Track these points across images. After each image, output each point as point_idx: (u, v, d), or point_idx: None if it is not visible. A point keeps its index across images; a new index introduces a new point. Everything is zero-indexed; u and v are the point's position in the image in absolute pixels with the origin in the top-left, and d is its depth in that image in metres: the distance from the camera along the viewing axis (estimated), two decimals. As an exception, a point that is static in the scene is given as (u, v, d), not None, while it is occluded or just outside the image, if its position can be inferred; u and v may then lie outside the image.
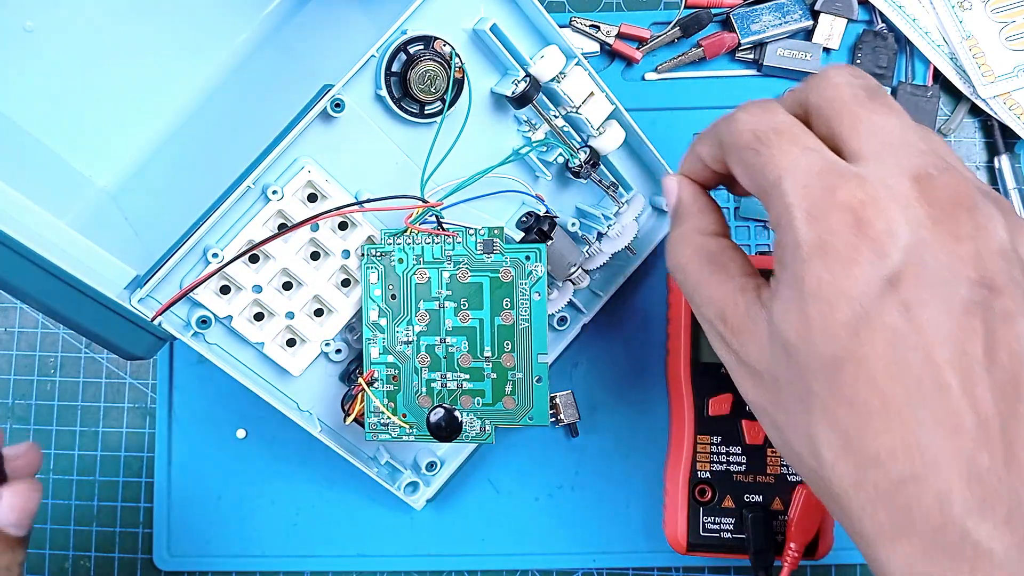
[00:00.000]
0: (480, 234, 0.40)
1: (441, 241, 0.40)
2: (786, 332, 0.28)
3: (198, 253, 0.39)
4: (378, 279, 0.40)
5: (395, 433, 0.41)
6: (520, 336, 0.40)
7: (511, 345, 0.41)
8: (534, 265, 0.40)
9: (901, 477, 0.27)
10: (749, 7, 0.49)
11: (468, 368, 0.41)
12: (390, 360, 0.41)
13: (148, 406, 0.51)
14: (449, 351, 0.41)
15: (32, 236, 0.36)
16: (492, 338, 0.41)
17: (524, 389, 0.41)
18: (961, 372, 0.27)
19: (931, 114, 0.49)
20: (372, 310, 0.40)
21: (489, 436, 0.41)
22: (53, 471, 0.51)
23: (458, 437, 0.41)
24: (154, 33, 0.46)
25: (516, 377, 0.41)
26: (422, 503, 0.46)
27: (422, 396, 0.41)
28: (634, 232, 0.46)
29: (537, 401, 0.41)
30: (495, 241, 0.40)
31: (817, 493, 0.30)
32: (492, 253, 0.40)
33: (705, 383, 0.45)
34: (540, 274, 0.40)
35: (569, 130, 0.43)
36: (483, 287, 0.41)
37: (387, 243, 0.40)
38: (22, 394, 0.51)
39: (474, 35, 0.41)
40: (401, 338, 0.41)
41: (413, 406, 0.41)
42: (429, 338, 0.41)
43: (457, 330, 0.41)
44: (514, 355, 0.41)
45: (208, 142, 0.47)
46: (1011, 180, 0.49)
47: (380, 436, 0.41)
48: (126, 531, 0.50)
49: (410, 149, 0.42)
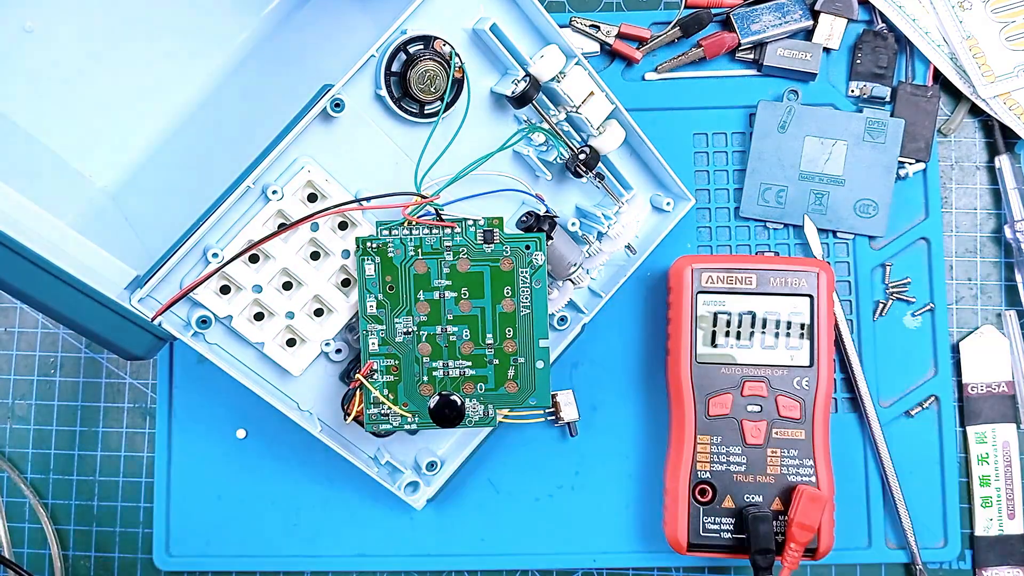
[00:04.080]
0: (480, 224, 0.41)
1: (440, 232, 0.40)
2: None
3: (198, 253, 0.39)
4: (375, 271, 0.40)
5: (397, 423, 0.41)
6: (522, 323, 0.41)
7: (512, 332, 0.41)
8: (534, 254, 0.41)
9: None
10: (749, 7, 0.49)
11: (470, 355, 0.41)
12: (389, 351, 0.41)
13: (148, 406, 0.51)
14: (450, 339, 0.41)
15: (32, 236, 0.36)
16: (494, 325, 0.41)
17: (526, 373, 0.41)
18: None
19: (931, 114, 0.49)
20: (369, 303, 0.40)
21: (492, 420, 0.42)
22: (53, 471, 0.51)
23: (461, 423, 0.41)
24: (154, 33, 0.46)
25: (518, 362, 0.41)
26: (422, 503, 0.46)
27: (424, 385, 0.41)
28: (634, 232, 0.46)
29: (539, 384, 0.41)
30: (495, 231, 0.41)
31: None
32: (492, 243, 0.40)
33: (705, 383, 0.45)
34: (540, 262, 0.41)
35: (569, 130, 0.43)
36: (484, 276, 0.41)
37: (382, 235, 0.40)
38: (22, 394, 0.51)
39: (474, 35, 0.41)
40: (400, 329, 0.41)
41: (415, 395, 0.41)
42: (430, 327, 0.41)
43: (458, 319, 0.41)
44: (516, 341, 0.41)
45: (208, 142, 0.47)
46: (1011, 180, 0.49)
47: (382, 427, 0.41)
48: (126, 531, 0.50)
49: (410, 149, 0.42)
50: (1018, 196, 0.49)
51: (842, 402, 0.49)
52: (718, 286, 0.45)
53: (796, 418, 0.44)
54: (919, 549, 0.48)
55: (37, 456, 0.51)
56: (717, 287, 0.45)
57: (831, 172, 0.49)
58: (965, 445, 0.49)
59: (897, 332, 0.49)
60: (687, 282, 0.45)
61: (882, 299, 0.49)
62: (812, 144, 0.49)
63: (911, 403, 0.49)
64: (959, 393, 0.49)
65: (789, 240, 0.50)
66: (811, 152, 0.49)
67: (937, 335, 0.49)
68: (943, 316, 0.49)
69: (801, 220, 0.49)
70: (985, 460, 0.49)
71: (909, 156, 0.49)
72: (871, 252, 0.49)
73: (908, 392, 0.49)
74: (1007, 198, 0.49)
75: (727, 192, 0.50)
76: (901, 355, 0.49)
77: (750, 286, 0.45)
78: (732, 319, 0.45)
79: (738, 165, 0.50)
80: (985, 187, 0.50)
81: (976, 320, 0.50)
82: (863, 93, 0.49)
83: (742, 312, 0.45)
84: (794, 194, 0.49)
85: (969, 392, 0.49)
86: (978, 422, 0.49)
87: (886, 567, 0.49)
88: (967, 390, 0.49)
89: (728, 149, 0.50)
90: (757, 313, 0.45)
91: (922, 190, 0.50)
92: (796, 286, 0.45)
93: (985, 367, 0.49)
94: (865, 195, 0.49)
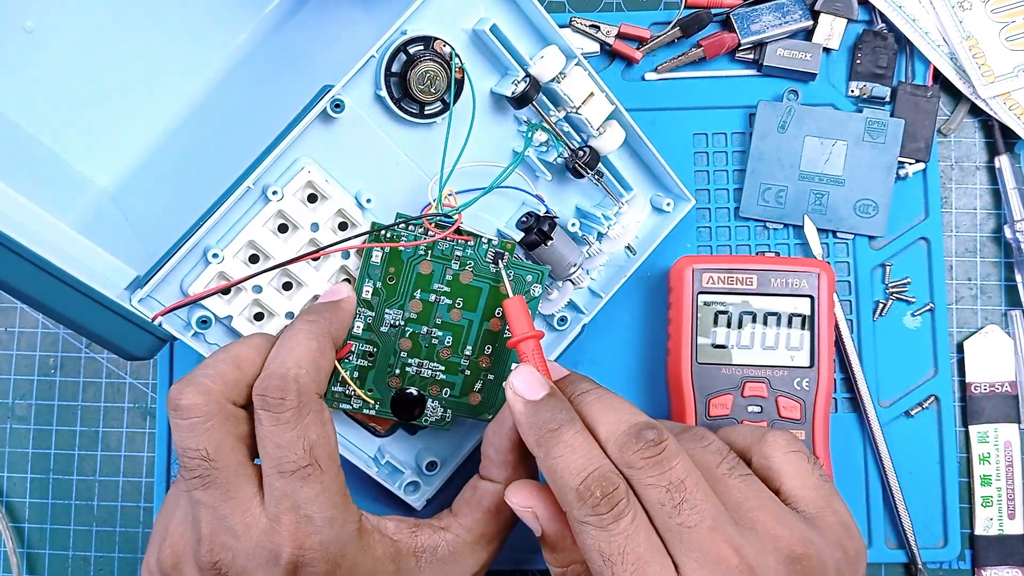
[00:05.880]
0: (493, 244, 0.41)
1: (454, 241, 0.41)
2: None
3: (198, 253, 0.39)
4: (381, 260, 0.40)
5: (356, 405, 0.41)
6: (503, 344, 0.42)
7: (492, 350, 0.42)
8: (533, 285, 0.42)
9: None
10: (749, 7, 0.49)
11: (446, 361, 0.42)
12: (371, 338, 0.41)
13: (148, 406, 0.51)
14: (432, 342, 0.42)
15: (32, 236, 0.36)
16: (476, 339, 0.42)
17: (491, 390, 0.43)
18: None
19: (931, 114, 0.49)
20: (367, 287, 0.40)
21: (447, 424, 0.43)
22: (53, 471, 0.51)
23: (419, 419, 0.42)
24: (154, 33, 0.46)
25: (487, 378, 0.43)
26: (423, 503, 0.46)
27: (393, 377, 0.42)
28: (634, 232, 0.46)
29: (501, 403, 0.42)
30: (504, 254, 0.41)
31: None
32: (499, 265, 0.41)
33: (706, 384, 0.45)
34: (536, 294, 0.42)
35: (569, 130, 0.43)
36: (482, 292, 0.42)
37: (399, 227, 0.40)
38: (22, 394, 0.51)
39: (474, 35, 0.41)
40: (388, 320, 0.41)
41: (382, 385, 0.42)
42: (417, 326, 0.41)
43: (446, 325, 0.42)
44: (492, 359, 0.42)
45: (208, 142, 0.47)
46: (1011, 180, 0.49)
47: (340, 406, 0.41)
48: (126, 531, 0.50)
49: (410, 149, 0.42)
50: (1018, 196, 0.49)
51: (842, 402, 0.49)
52: (719, 286, 0.45)
53: (796, 419, 0.44)
54: (919, 549, 0.48)
55: (37, 456, 0.51)
56: (717, 287, 0.45)
57: (831, 172, 0.49)
58: (967, 444, 0.49)
59: (897, 332, 0.49)
60: (687, 282, 0.45)
61: (882, 299, 0.49)
62: (812, 144, 0.49)
63: (911, 403, 0.49)
64: (962, 392, 0.50)
65: (789, 240, 0.50)
66: (811, 152, 0.49)
67: (937, 335, 0.49)
68: (943, 316, 0.49)
69: (801, 220, 0.49)
70: (987, 460, 0.49)
71: (909, 156, 0.49)
72: (871, 252, 0.49)
73: (908, 392, 0.49)
74: (1007, 198, 0.49)
75: (727, 192, 0.50)
76: (901, 355, 0.49)
77: (751, 286, 0.45)
78: (732, 319, 0.45)
79: (738, 165, 0.50)
80: (985, 187, 0.50)
81: (976, 320, 0.50)
82: (863, 93, 0.49)
83: (743, 312, 0.45)
84: (794, 194, 0.49)
85: (972, 391, 0.49)
86: (980, 421, 0.49)
87: (886, 567, 0.49)
88: (970, 389, 0.49)
89: (728, 149, 0.50)
90: (757, 314, 0.45)
91: (922, 190, 0.50)
92: (797, 286, 0.45)
93: (989, 367, 0.49)
94: (865, 195, 0.49)
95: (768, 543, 0.33)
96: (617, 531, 0.32)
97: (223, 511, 0.34)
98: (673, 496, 0.33)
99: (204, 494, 0.34)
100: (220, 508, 0.34)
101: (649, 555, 0.32)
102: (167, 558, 0.36)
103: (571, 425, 0.34)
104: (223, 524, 0.34)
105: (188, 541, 0.36)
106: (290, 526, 0.34)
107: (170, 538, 0.36)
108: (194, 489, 0.35)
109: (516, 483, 0.38)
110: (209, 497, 0.34)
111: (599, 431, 0.35)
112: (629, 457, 0.33)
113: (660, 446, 0.33)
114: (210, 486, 0.34)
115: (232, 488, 0.35)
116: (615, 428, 0.34)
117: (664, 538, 0.33)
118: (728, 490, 0.35)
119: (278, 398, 0.34)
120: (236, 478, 0.35)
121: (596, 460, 0.33)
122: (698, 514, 0.32)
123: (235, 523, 0.34)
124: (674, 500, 0.33)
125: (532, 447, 0.35)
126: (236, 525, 0.34)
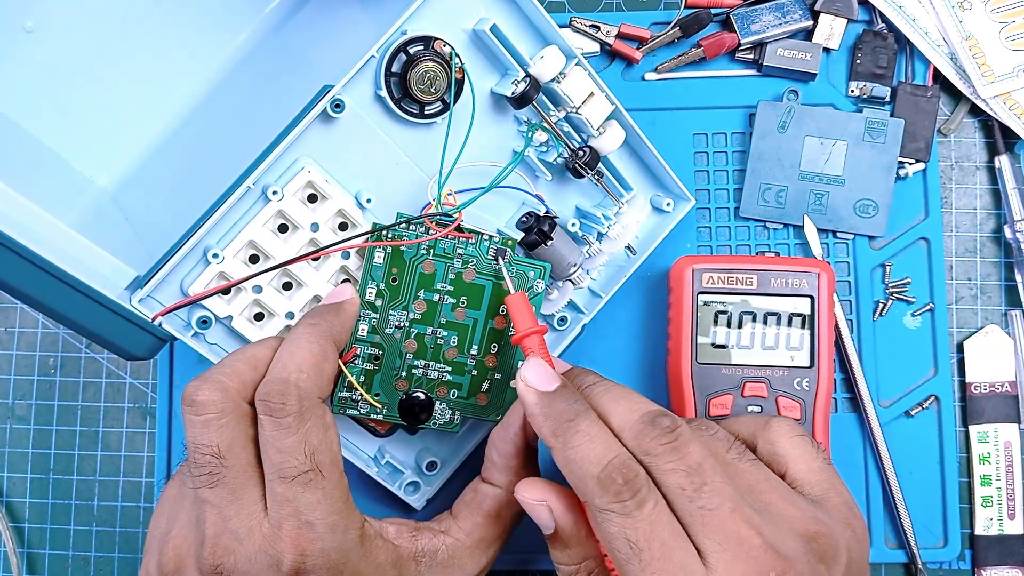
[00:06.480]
0: (494, 241, 0.41)
1: (455, 239, 0.41)
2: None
3: (198, 253, 0.39)
4: (383, 260, 0.40)
5: (364, 411, 0.41)
6: (508, 342, 0.42)
7: (497, 348, 0.42)
8: (536, 281, 0.42)
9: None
10: (749, 7, 0.49)
11: (452, 361, 0.42)
12: (376, 341, 0.41)
13: (148, 406, 0.51)
14: (438, 342, 0.41)
15: (32, 236, 0.36)
16: (482, 338, 0.42)
17: (498, 390, 0.43)
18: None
19: (931, 114, 0.49)
20: (370, 289, 0.40)
21: (456, 426, 0.42)
22: (53, 471, 0.51)
23: (426, 424, 0.42)
24: (154, 33, 0.46)
25: (494, 378, 0.42)
26: (423, 503, 0.46)
27: (400, 380, 0.41)
28: (634, 232, 0.46)
29: (508, 403, 0.42)
30: (506, 251, 0.41)
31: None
32: (503, 261, 0.41)
33: (706, 384, 0.45)
34: (539, 290, 0.42)
35: (569, 130, 0.43)
36: (486, 290, 0.41)
37: (400, 227, 0.40)
38: (22, 394, 0.51)
39: (474, 35, 0.41)
40: (393, 322, 0.41)
41: (389, 388, 0.41)
42: (422, 327, 0.41)
43: (451, 324, 0.41)
44: (498, 357, 0.42)
45: (208, 142, 0.47)
46: (1011, 180, 0.49)
47: (348, 411, 0.41)
48: (126, 531, 0.50)
49: (410, 149, 0.42)
50: (1018, 196, 0.49)
51: (842, 402, 0.49)
52: (719, 286, 0.45)
53: (796, 419, 0.44)
54: (919, 549, 0.48)
55: (37, 456, 0.51)
56: (718, 287, 0.45)
57: (831, 172, 0.49)
58: (967, 444, 0.49)
59: (897, 332, 0.49)
60: (687, 283, 0.45)
61: (882, 299, 0.49)
62: (812, 144, 0.49)
63: (911, 403, 0.49)
64: (962, 392, 0.50)
65: (789, 240, 0.50)
66: (811, 152, 0.49)
67: (937, 335, 0.49)
68: (943, 316, 0.49)
69: (801, 220, 0.49)
70: (987, 459, 0.49)
71: (909, 156, 0.49)
72: (871, 252, 0.50)
73: (908, 392, 0.49)
74: (1007, 198, 0.49)
75: (727, 192, 0.50)
76: (901, 355, 0.49)
77: (751, 287, 0.45)
78: (732, 319, 0.45)
79: (738, 165, 0.50)
80: (985, 187, 0.50)
81: (976, 320, 0.50)
82: (863, 93, 0.49)
83: (743, 312, 0.45)
84: (794, 194, 0.49)
85: (972, 391, 0.49)
86: (980, 421, 0.49)
87: (886, 567, 0.49)
88: (970, 389, 0.49)
89: (728, 149, 0.50)
90: (757, 313, 0.45)
91: (922, 190, 0.50)
92: (797, 287, 0.45)
93: (989, 366, 0.49)
94: (865, 195, 0.49)
95: (784, 523, 0.34)
96: (641, 517, 0.32)
97: (228, 512, 0.34)
98: (693, 480, 0.33)
99: (211, 493, 0.34)
100: (225, 509, 0.34)
101: (672, 540, 0.32)
102: (169, 561, 0.36)
103: (587, 415, 0.34)
104: (227, 526, 0.34)
105: (191, 543, 0.36)
106: (292, 532, 0.34)
107: (172, 540, 0.36)
108: (201, 487, 0.35)
109: (526, 480, 0.37)
110: (215, 496, 0.34)
111: (612, 421, 0.35)
112: (647, 444, 0.33)
113: (675, 432, 0.33)
114: (217, 485, 0.34)
115: (238, 489, 0.35)
116: (628, 417, 0.34)
117: (684, 523, 0.33)
118: (739, 474, 0.35)
119: (279, 403, 0.34)
120: (243, 479, 0.35)
121: (615, 448, 0.33)
122: (719, 496, 0.32)
123: (238, 526, 0.34)
124: (694, 484, 0.33)
125: (548, 439, 0.35)
126: (239, 528, 0.34)
